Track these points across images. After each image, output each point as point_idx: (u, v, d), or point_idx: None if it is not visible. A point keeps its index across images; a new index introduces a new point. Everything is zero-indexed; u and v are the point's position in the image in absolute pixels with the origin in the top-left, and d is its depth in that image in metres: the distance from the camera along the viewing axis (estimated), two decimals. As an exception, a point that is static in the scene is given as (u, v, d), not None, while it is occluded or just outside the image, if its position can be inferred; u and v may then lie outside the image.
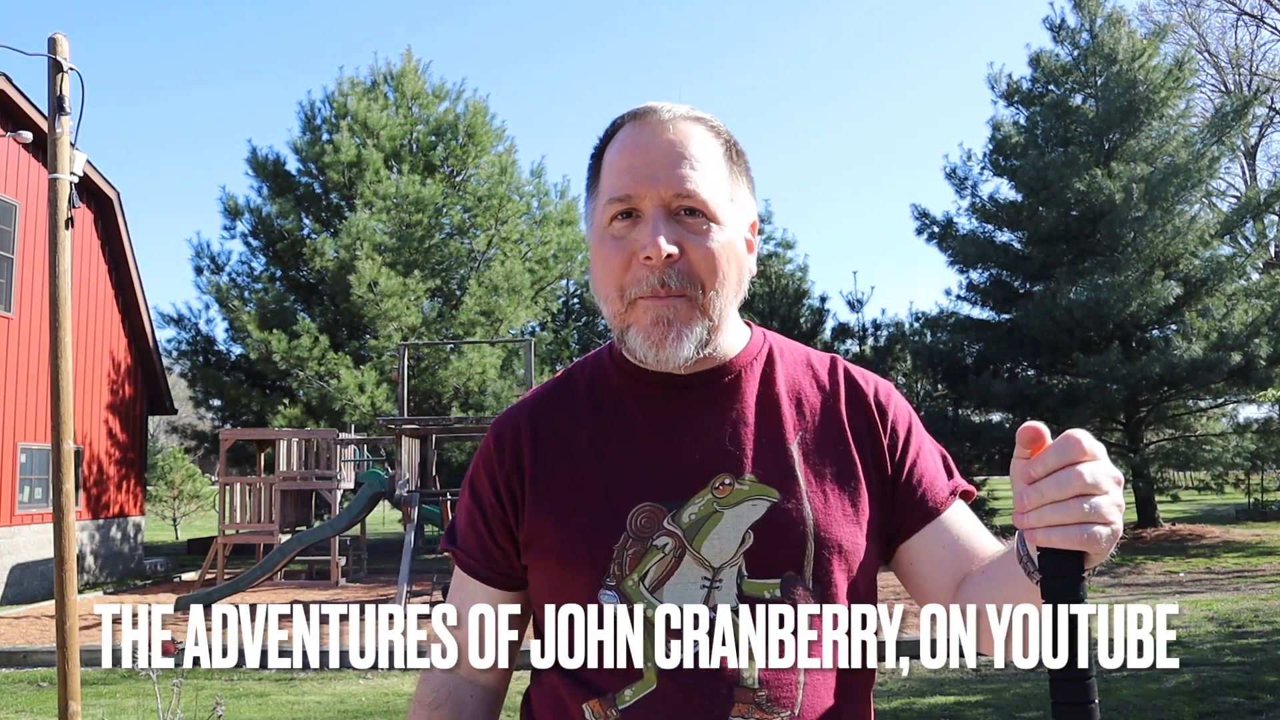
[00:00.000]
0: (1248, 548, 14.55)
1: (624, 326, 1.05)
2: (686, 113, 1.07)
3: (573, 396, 1.14)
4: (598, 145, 1.11)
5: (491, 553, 1.13)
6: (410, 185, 17.99)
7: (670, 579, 1.01)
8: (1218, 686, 6.10)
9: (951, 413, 18.08)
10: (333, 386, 16.43)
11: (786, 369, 1.13)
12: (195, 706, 5.78)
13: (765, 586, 1.01)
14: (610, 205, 1.04)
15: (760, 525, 1.02)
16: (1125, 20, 16.91)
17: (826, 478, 1.06)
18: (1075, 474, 0.80)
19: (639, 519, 1.03)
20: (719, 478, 1.04)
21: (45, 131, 3.71)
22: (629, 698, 0.99)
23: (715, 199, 1.04)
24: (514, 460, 1.11)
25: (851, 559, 1.04)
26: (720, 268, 1.03)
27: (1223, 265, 15.96)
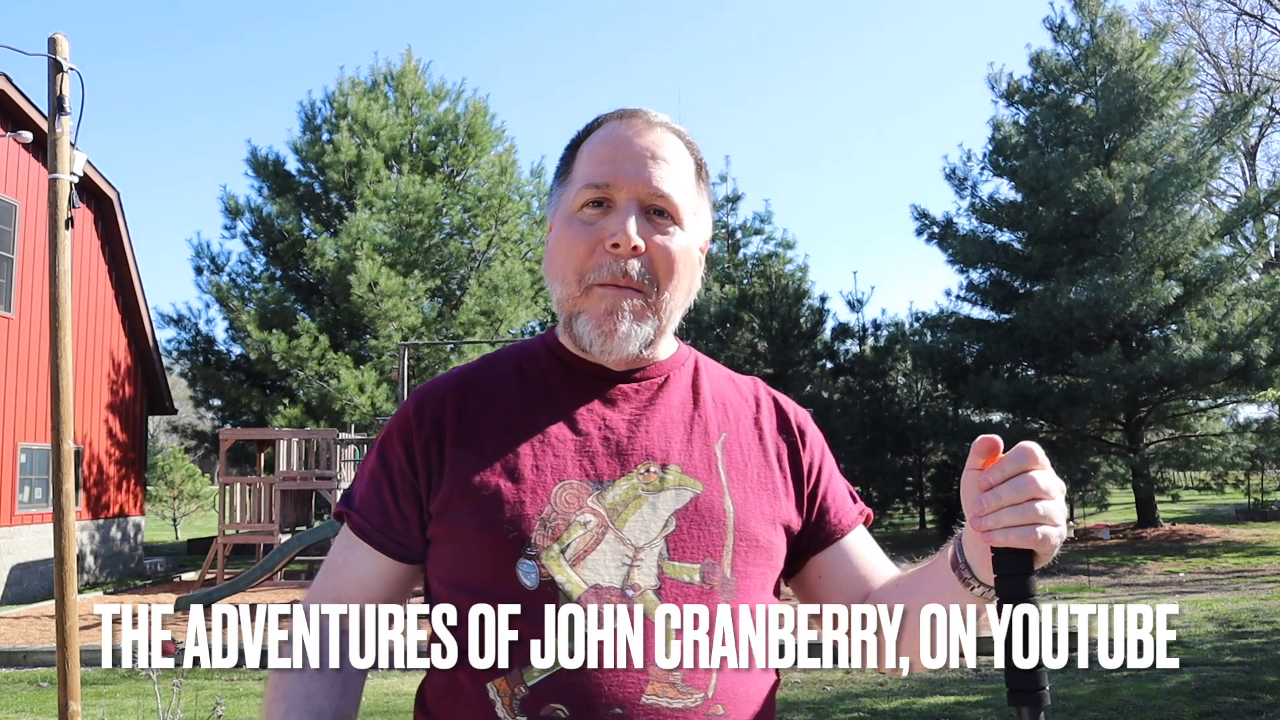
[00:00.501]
0: (1248, 548, 14.55)
1: (574, 311, 1.07)
2: (669, 123, 1.12)
3: (502, 375, 1.14)
4: (576, 135, 1.14)
5: (393, 520, 1.09)
6: (410, 185, 17.99)
7: (591, 554, 1.01)
8: (1218, 686, 6.10)
9: (951, 413, 18.09)
10: (333, 386, 16.43)
11: (712, 379, 1.18)
12: (195, 706, 5.78)
13: (685, 570, 1.02)
14: (586, 190, 1.07)
15: (683, 512, 1.04)
16: (1125, 20, 16.91)
17: (747, 479, 1.10)
18: (1029, 480, 0.88)
19: (564, 494, 1.03)
20: (645, 464, 1.06)
21: (45, 131, 3.71)
22: (539, 673, 0.97)
23: (684, 204, 1.08)
24: (434, 428, 1.09)
25: (766, 555, 1.07)
26: (678, 270, 1.07)
27: (1223, 265, 15.96)
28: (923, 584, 1.06)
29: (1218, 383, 15.25)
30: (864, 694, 6.45)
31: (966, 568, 0.99)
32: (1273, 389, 15.49)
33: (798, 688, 6.64)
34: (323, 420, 16.93)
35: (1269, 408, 17.24)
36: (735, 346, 18.40)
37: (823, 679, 6.88)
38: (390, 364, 17.04)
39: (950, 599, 1.02)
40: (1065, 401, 15.54)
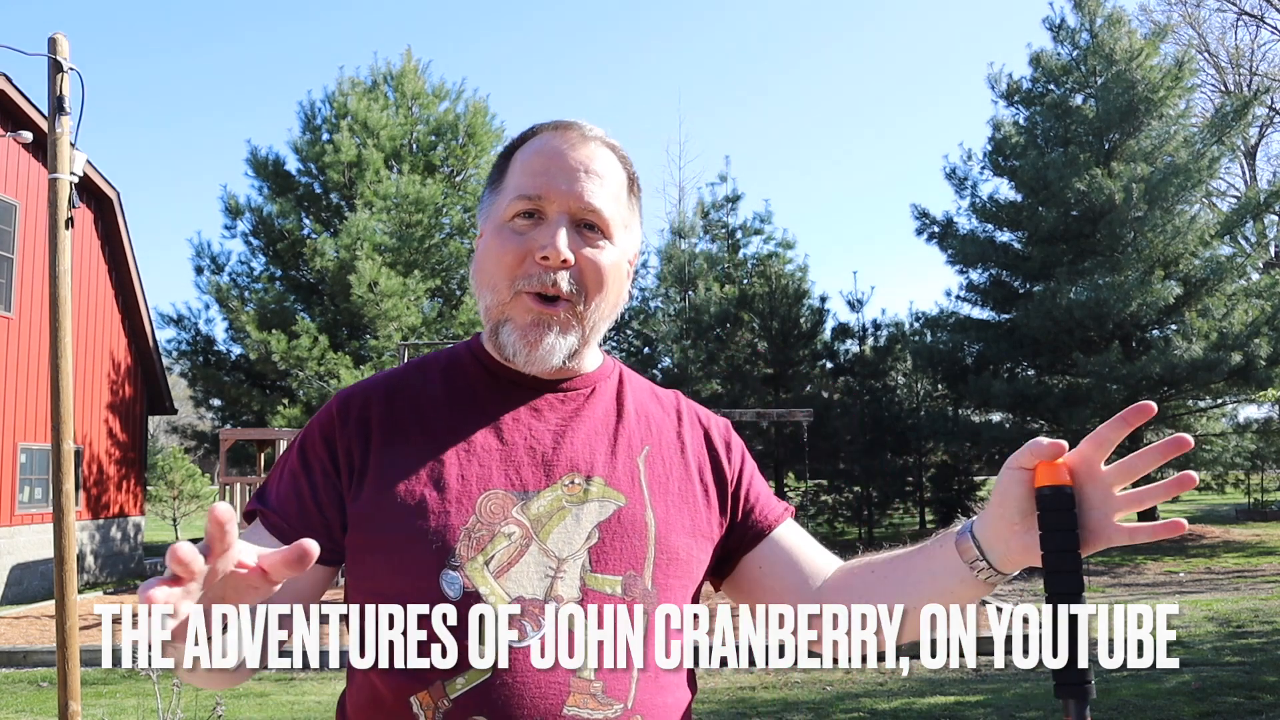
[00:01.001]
0: (1248, 548, 14.55)
1: (500, 319, 1.08)
2: (603, 137, 1.13)
3: (428, 381, 1.14)
4: (510, 145, 1.15)
5: (311, 518, 1.05)
6: (410, 185, 18.00)
7: (515, 566, 1.01)
8: (1218, 686, 6.11)
9: (951, 413, 18.10)
10: (333, 386, 16.43)
11: (635, 392, 1.19)
12: (195, 706, 5.78)
13: (607, 582, 1.03)
14: (518, 201, 1.07)
15: (606, 525, 1.05)
16: (1125, 20, 16.91)
17: (669, 492, 1.11)
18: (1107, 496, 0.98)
19: (489, 504, 1.03)
20: (569, 476, 1.06)
21: (45, 131, 3.71)
22: (461, 686, 0.97)
23: (615, 219, 1.10)
24: (360, 429, 1.08)
25: (686, 567, 1.08)
26: (606, 283, 1.08)
27: (1223, 265, 15.96)
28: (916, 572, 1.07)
29: (1218, 383, 15.26)
30: (864, 694, 6.45)
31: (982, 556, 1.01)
32: (1273, 389, 15.50)
33: (798, 688, 6.64)
34: (323, 420, 16.92)
35: (1269, 408, 17.25)
36: (735, 346, 18.40)
37: (823, 679, 6.88)
38: (390, 364, 17.04)
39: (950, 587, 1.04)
40: (1065, 401, 15.55)
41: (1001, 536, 1.00)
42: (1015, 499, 0.98)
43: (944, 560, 1.05)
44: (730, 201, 20.34)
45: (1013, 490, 0.97)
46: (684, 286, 19.29)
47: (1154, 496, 0.98)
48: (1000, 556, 1.01)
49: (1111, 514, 0.96)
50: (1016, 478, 0.97)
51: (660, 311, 19.64)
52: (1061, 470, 0.97)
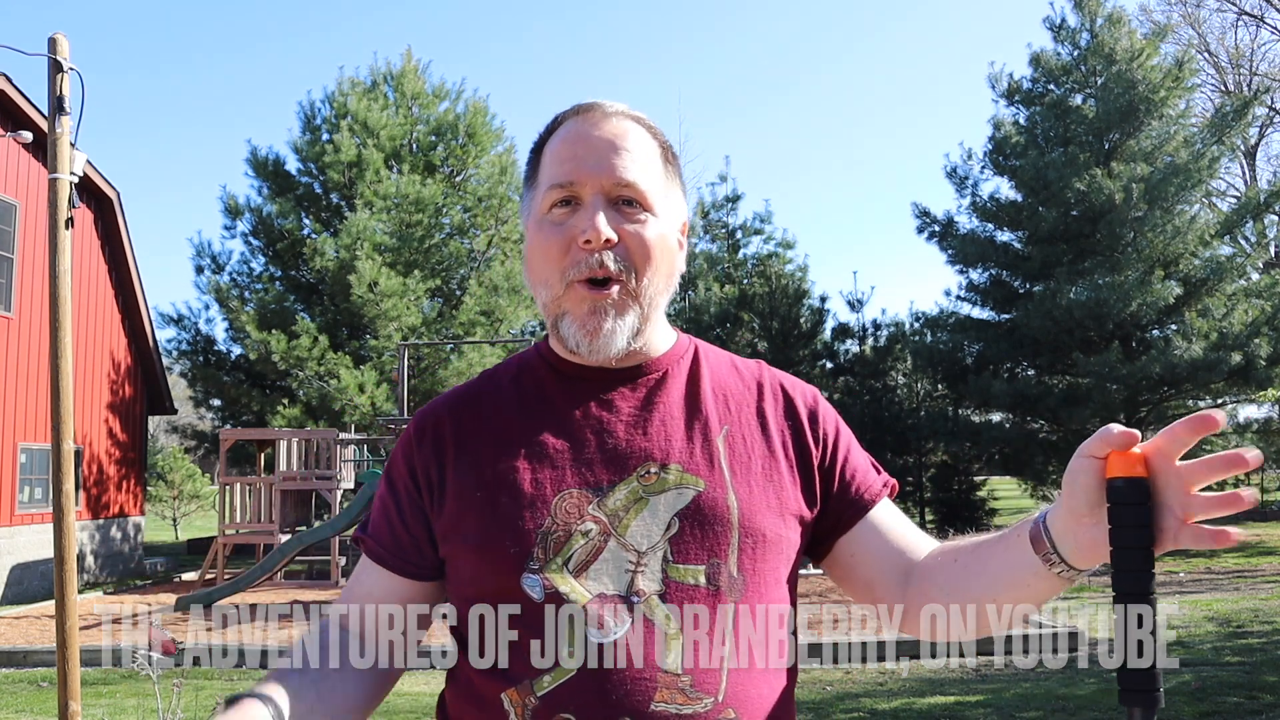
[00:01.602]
0: (1248, 548, 14.55)
1: (559, 314, 1.07)
2: (626, 110, 1.11)
3: (498, 389, 1.14)
4: (539, 138, 1.14)
5: (401, 539, 1.10)
6: (410, 185, 17.99)
7: (594, 563, 1.01)
8: (1218, 686, 6.10)
9: (951, 413, 18.09)
10: (333, 386, 16.43)
11: (713, 369, 1.15)
12: (195, 706, 5.78)
13: (690, 572, 1.01)
14: (551, 192, 1.06)
15: (686, 512, 1.03)
16: (1125, 20, 16.90)
17: (752, 471, 1.07)
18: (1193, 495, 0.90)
19: (564, 504, 1.03)
20: (645, 466, 1.05)
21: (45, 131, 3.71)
22: (548, 684, 0.98)
23: (652, 190, 1.07)
24: (434, 447, 1.10)
25: (775, 550, 1.06)
26: (654, 254, 1.06)
27: (1223, 265, 15.96)
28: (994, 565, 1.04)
29: (1218, 383, 15.25)
30: (864, 694, 6.45)
31: (1055, 551, 0.97)
32: (1273, 389, 15.49)
33: (797, 687, 6.63)
34: (323, 420, 16.93)
35: (1269, 408, 17.24)
36: (735, 346, 18.40)
37: (823, 679, 6.88)
38: (390, 364, 17.03)
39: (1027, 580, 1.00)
40: (1065, 401, 15.54)
41: (1070, 529, 0.96)
42: (1084, 489, 0.92)
43: (1020, 553, 1.01)
44: (730, 201, 20.35)
45: (1081, 480, 0.92)
46: (684, 286, 19.30)
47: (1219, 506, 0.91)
48: (1071, 550, 0.96)
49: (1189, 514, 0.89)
50: (1086, 466, 0.92)
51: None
52: (1135, 461, 0.90)
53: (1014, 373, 17.44)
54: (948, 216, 18.36)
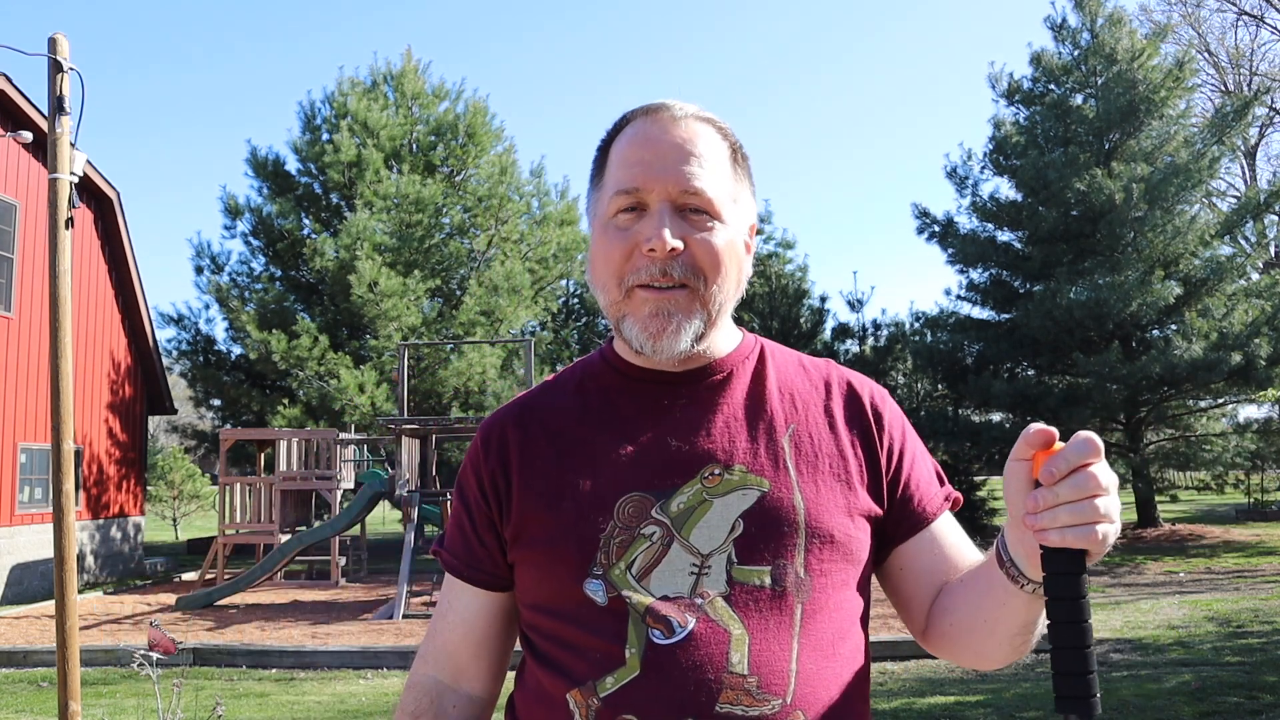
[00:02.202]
0: (1248, 548, 14.55)
1: (620, 316, 1.05)
2: (696, 112, 1.08)
3: (561, 394, 1.15)
4: (605, 138, 1.12)
5: (476, 552, 1.12)
6: (410, 185, 17.99)
7: (658, 566, 1.00)
8: (1218, 686, 6.10)
9: (951, 413, 18.08)
10: (333, 386, 16.42)
11: (779, 368, 1.14)
12: (195, 706, 5.78)
13: (755, 574, 1.00)
14: (617, 197, 1.05)
15: (750, 514, 1.01)
16: (1126, 20, 16.91)
17: (820, 471, 1.06)
18: (1090, 475, 0.83)
19: (626, 508, 1.03)
20: (708, 468, 1.04)
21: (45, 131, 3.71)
22: (611, 685, 0.98)
23: (720, 198, 1.05)
24: (500, 457, 1.11)
25: (844, 550, 1.03)
26: (723, 263, 1.04)
27: (1223, 265, 15.95)
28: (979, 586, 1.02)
29: (1218, 383, 15.25)
30: (864, 694, 6.44)
31: (1013, 564, 0.95)
32: (1273, 389, 15.49)
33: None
34: (323, 420, 16.92)
35: (1269, 408, 17.23)
36: (735, 346, 18.41)
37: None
38: (390, 364, 17.02)
39: (1003, 599, 0.98)
40: (1065, 401, 15.53)
41: (1020, 539, 0.93)
42: (1018, 494, 0.90)
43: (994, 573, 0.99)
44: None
45: (1013, 485, 0.90)
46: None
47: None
48: (1024, 560, 0.93)
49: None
50: (1015, 471, 0.90)
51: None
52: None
53: (1014, 373, 17.44)
54: (948, 217, 18.36)
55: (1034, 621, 0.99)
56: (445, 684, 1.14)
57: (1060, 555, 0.84)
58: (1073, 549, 0.84)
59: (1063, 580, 0.84)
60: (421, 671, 1.16)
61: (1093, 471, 0.83)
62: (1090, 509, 0.82)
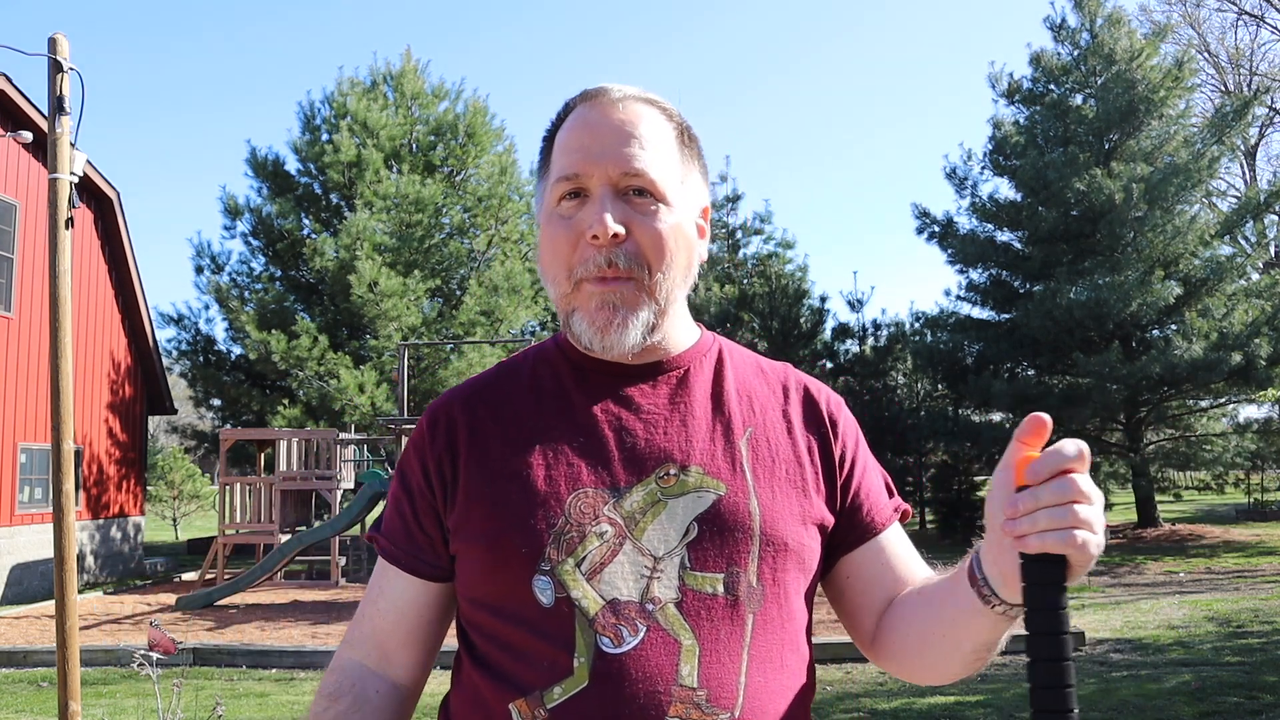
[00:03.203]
0: (1248, 548, 14.55)
1: (569, 310, 1.02)
2: (638, 94, 1.05)
3: (514, 382, 1.10)
4: (550, 127, 1.09)
5: (416, 539, 1.06)
6: (410, 185, 17.99)
7: (608, 566, 0.96)
8: (1218, 686, 6.10)
9: (951, 413, 18.08)
10: (333, 386, 16.43)
11: (737, 369, 1.11)
12: (195, 706, 5.78)
13: (708, 580, 0.96)
14: (558, 184, 1.02)
15: (705, 518, 0.98)
16: (1125, 20, 16.91)
17: (776, 476, 1.03)
18: (1072, 481, 0.80)
19: (579, 504, 0.98)
20: (664, 467, 1.00)
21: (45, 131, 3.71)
22: (558, 695, 0.93)
23: (664, 179, 1.02)
24: (447, 442, 1.06)
25: (797, 558, 1.01)
26: (668, 249, 1.01)
27: (1223, 265, 15.96)
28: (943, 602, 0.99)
29: (1218, 383, 15.25)
30: (864, 694, 6.45)
31: (986, 584, 0.91)
32: (1273, 389, 15.49)
33: (798, 688, 6.63)
34: (323, 420, 16.93)
35: (1269, 408, 17.24)
36: (735, 346, 18.39)
37: (823, 679, 6.87)
38: (390, 364, 17.03)
39: (969, 617, 0.94)
40: (1065, 401, 15.53)
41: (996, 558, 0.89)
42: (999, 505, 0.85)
43: (961, 586, 0.95)
44: (730, 201, 20.34)
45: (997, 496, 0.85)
46: (684, 286, 19.27)
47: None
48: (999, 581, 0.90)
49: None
50: (1000, 481, 0.85)
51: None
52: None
53: (1014, 373, 17.44)
54: (947, 217, 18.37)
55: (997, 640, 0.96)
56: (370, 669, 1.08)
57: (1040, 564, 0.82)
58: (1053, 559, 0.81)
59: (1042, 590, 0.82)
60: (346, 656, 1.09)
61: (1075, 478, 0.80)
62: (1071, 514, 0.80)
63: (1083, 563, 0.82)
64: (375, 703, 1.06)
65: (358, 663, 1.08)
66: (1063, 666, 0.81)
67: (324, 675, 1.10)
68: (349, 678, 1.07)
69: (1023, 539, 0.82)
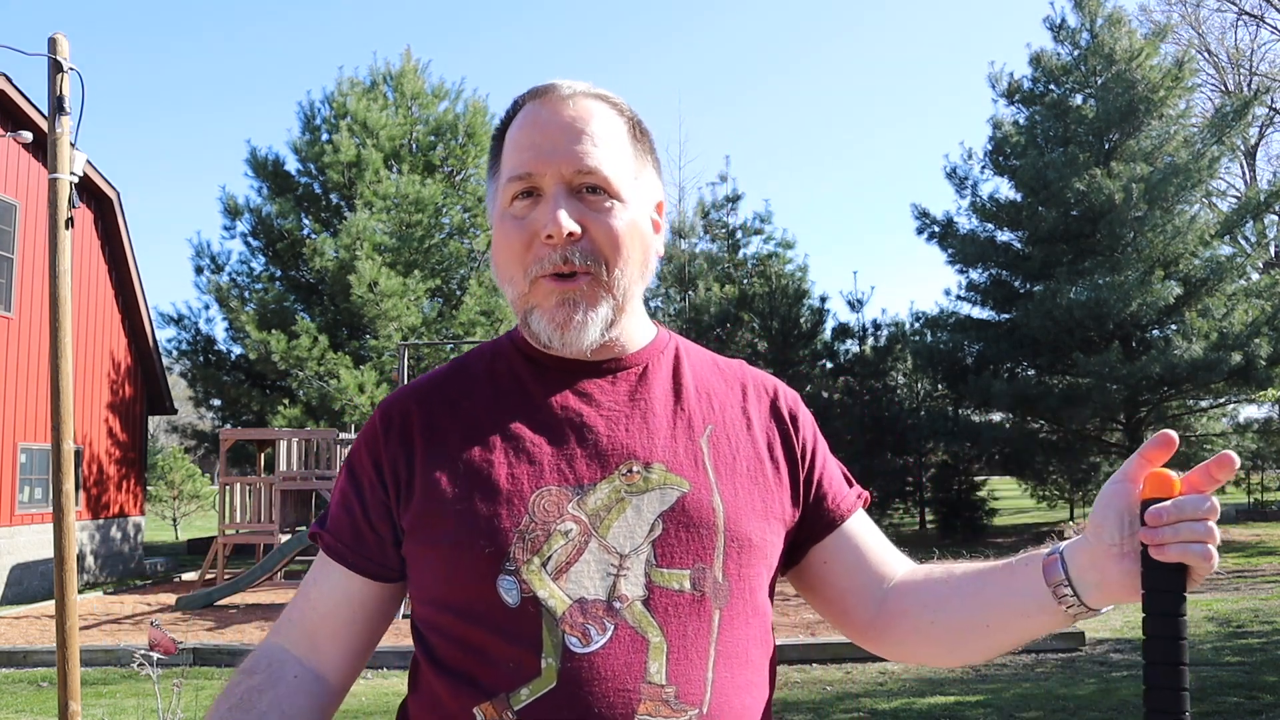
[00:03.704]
0: (1248, 548, 14.55)
1: (527, 308, 1.01)
2: (587, 89, 1.04)
3: (471, 379, 1.08)
4: (500, 126, 1.08)
5: (365, 538, 1.03)
6: (410, 185, 17.99)
7: (574, 565, 0.95)
8: (1218, 686, 6.10)
9: (951, 413, 18.09)
10: (333, 386, 16.43)
11: (694, 366, 1.11)
12: (195, 706, 5.78)
13: (674, 577, 0.96)
14: (510, 184, 1.01)
15: (670, 515, 0.97)
16: (1125, 20, 16.91)
17: (737, 473, 1.03)
18: (1211, 499, 0.85)
19: (542, 502, 0.97)
20: (627, 464, 0.99)
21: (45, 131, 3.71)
22: (526, 697, 0.91)
23: (618, 176, 1.01)
24: (402, 440, 1.03)
25: (760, 554, 1.01)
26: (624, 245, 1.00)
27: (1223, 265, 15.96)
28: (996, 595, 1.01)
29: (1218, 383, 15.26)
30: (864, 694, 6.45)
31: (1069, 585, 0.94)
32: (1273, 389, 15.50)
33: (797, 688, 6.63)
34: (323, 420, 16.93)
35: (1269, 408, 17.25)
36: (735, 346, 18.40)
37: (823, 679, 6.87)
38: (390, 364, 17.03)
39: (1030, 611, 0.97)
40: (1065, 401, 15.54)
41: (1096, 563, 0.92)
42: (1116, 513, 0.89)
43: (1027, 581, 0.97)
44: (730, 201, 20.34)
45: (1115, 504, 0.89)
46: (684, 286, 19.29)
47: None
48: (1091, 586, 0.93)
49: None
50: (1119, 490, 0.89)
51: (660, 311, 19.64)
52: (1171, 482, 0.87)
53: (1014, 373, 17.45)
54: (947, 217, 18.37)
55: (1042, 634, 1.00)
56: (292, 654, 1.04)
57: (1167, 572, 0.85)
58: (1178, 568, 0.85)
59: (1166, 597, 0.86)
60: (270, 641, 1.06)
61: (1213, 499, 0.85)
62: (1208, 530, 0.85)
63: (1205, 574, 0.86)
64: (291, 684, 1.02)
65: (280, 646, 1.05)
66: (1179, 670, 0.85)
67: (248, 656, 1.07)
68: (266, 657, 1.04)
69: (1162, 548, 0.85)
